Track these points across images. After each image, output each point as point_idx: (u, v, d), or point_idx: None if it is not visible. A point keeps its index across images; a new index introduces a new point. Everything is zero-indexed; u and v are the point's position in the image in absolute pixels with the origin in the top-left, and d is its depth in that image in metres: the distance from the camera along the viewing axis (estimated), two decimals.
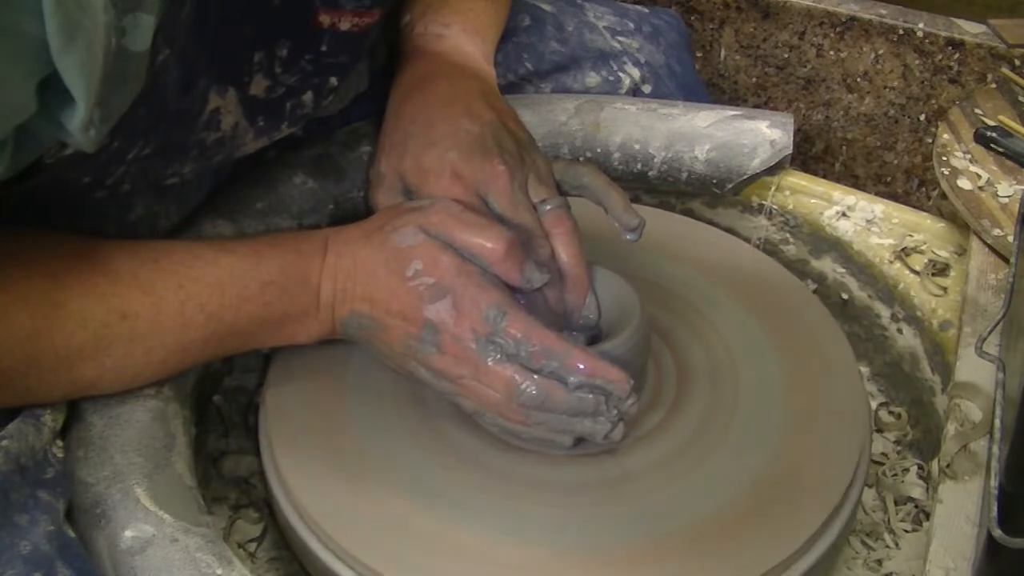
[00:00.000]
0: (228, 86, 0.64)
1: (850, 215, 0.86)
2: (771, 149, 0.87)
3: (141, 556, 0.57)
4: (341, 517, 0.63)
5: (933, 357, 0.79)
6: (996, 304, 0.74)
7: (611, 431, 0.63)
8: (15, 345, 0.57)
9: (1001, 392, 0.61)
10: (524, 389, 0.61)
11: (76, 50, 0.46)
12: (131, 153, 0.60)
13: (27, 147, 0.51)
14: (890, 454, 0.81)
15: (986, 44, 1.07)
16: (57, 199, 0.64)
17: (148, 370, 0.63)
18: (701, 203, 0.92)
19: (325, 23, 0.66)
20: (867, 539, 0.74)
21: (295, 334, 0.67)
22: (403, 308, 0.63)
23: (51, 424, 0.62)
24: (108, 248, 0.62)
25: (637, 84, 0.96)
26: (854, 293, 0.87)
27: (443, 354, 0.63)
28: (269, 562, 0.72)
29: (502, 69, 0.91)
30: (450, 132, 0.71)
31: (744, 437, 0.68)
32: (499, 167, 0.68)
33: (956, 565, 0.59)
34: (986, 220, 0.78)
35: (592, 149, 0.89)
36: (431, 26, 0.83)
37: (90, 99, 0.48)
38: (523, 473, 0.65)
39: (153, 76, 0.54)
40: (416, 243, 0.64)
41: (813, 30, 1.16)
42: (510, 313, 0.62)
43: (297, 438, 0.67)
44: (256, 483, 0.76)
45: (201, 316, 0.63)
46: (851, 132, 1.20)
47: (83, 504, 0.60)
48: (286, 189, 0.80)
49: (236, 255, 0.65)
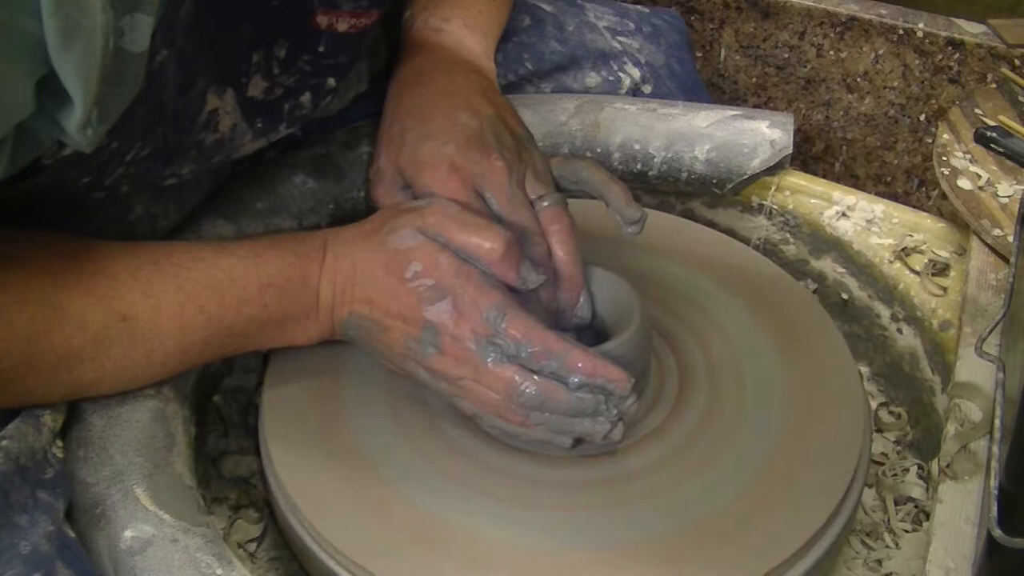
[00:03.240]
0: (226, 87, 0.64)
1: (850, 215, 0.86)
2: (771, 149, 0.87)
3: (141, 556, 0.57)
4: (340, 516, 0.63)
5: (933, 357, 0.79)
6: (996, 304, 0.73)
7: (610, 431, 0.63)
8: (14, 346, 0.57)
9: (1001, 392, 0.61)
10: (523, 390, 0.61)
11: (74, 50, 0.46)
12: (129, 154, 0.60)
13: (25, 147, 0.51)
14: (890, 454, 0.81)
15: (986, 44, 1.07)
16: (56, 200, 0.64)
17: (148, 372, 0.64)
18: (701, 203, 0.92)
19: (323, 24, 0.66)
20: (867, 539, 0.74)
21: (294, 335, 0.67)
22: (402, 309, 0.63)
23: (51, 424, 0.62)
24: (108, 250, 0.62)
25: (637, 84, 0.96)
26: (854, 293, 0.86)
27: (443, 355, 0.63)
28: (269, 562, 0.72)
29: (502, 69, 0.91)
30: (448, 125, 0.71)
31: (744, 437, 0.68)
32: (496, 163, 0.68)
33: (956, 565, 0.59)
34: (986, 220, 0.78)
35: (592, 149, 0.89)
36: (431, 20, 0.83)
37: (88, 99, 0.48)
38: (524, 473, 0.65)
39: (151, 77, 0.55)
40: (415, 244, 0.64)
41: (813, 30, 1.16)
42: (510, 314, 0.62)
43: (296, 438, 0.67)
44: (256, 483, 0.76)
45: (200, 318, 0.63)
46: (851, 132, 1.20)
47: (83, 504, 0.60)
48: (286, 189, 0.80)
49: (235, 257, 0.65)
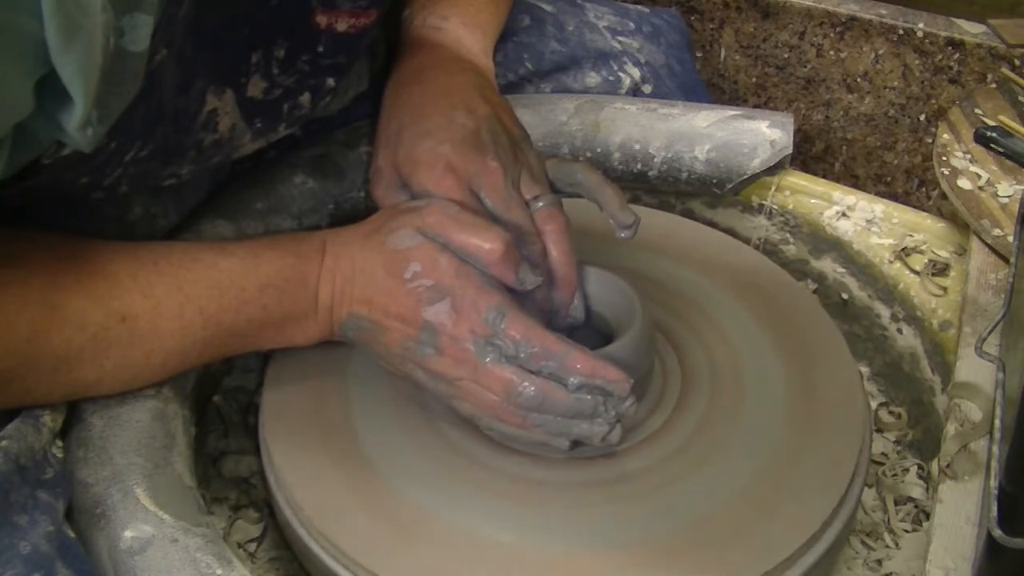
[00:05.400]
0: (225, 87, 0.64)
1: (850, 215, 0.86)
2: (771, 149, 0.87)
3: (141, 556, 0.57)
4: (340, 517, 0.63)
5: (933, 357, 0.79)
6: (996, 304, 0.73)
7: (608, 433, 0.62)
8: (14, 347, 0.57)
9: (1001, 392, 0.61)
10: (522, 390, 0.61)
11: (75, 50, 0.46)
12: (129, 154, 0.60)
13: (25, 147, 0.51)
14: (890, 454, 0.81)
15: (986, 44, 1.07)
16: (55, 200, 0.64)
17: (147, 372, 0.63)
18: (701, 203, 0.92)
19: (322, 24, 0.66)
20: (867, 539, 0.74)
21: (294, 336, 0.67)
22: (401, 310, 0.63)
23: (51, 424, 0.62)
24: (107, 250, 0.62)
25: (637, 84, 0.96)
26: (854, 293, 0.86)
27: (441, 356, 0.63)
28: (269, 562, 0.72)
29: (502, 69, 0.91)
30: (444, 124, 0.70)
31: (744, 437, 0.67)
32: (492, 163, 0.68)
33: (956, 565, 0.59)
34: (986, 220, 0.78)
35: (592, 149, 0.89)
36: (430, 19, 0.83)
37: (88, 99, 0.48)
38: (525, 473, 0.65)
39: (151, 76, 0.55)
40: (414, 245, 0.64)
41: (813, 30, 1.16)
42: (509, 314, 0.62)
43: (296, 438, 0.67)
44: (256, 483, 0.76)
45: (200, 319, 0.63)
46: (851, 132, 1.20)
47: (83, 504, 0.60)
48: (286, 189, 0.80)
49: (235, 258, 0.65)
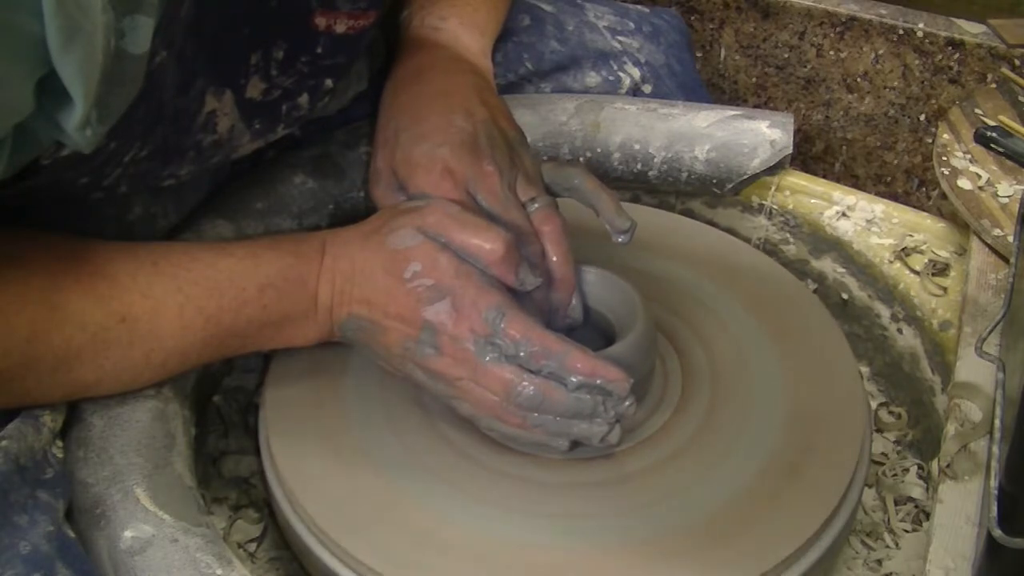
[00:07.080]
0: (225, 88, 0.64)
1: (850, 215, 0.86)
2: (771, 149, 0.87)
3: (141, 556, 0.57)
4: (340, 517, 0.63)
5: (933, 357, 0.79)
6: (996, 304, 0.73)
7: (607, 434, 0.62)
8: (13, 347, 0.57)
9: (1001, 392, 0.61)
10: (521, 390, 0.61)
11: (75, 51, 0.46)
12: (128, 155, 0.60)
13: (25, 147, 0.51)
14: (890, 454, 0.81)
15: (986, 44, 1.07)
16: (55, 200, 0.64)
17: (147, 372, 0.63)
18: (701, 203, 0.92)
19: (321, 25, 0.66)
20: (867, 539, 0.74)
21: (293, 336, 0.67)
22: (401, 310, 0.63)
23: (51, 424, 0.62)
24: (107, 250, 0.62)
25: (637, 84, 0.96)
26: (854, 293, 0.86)
27: (441, 355, 0.63)
28: (269, 562, 0.72)
29: (502, 69, 0.91)
30: (442, 127, 0.71)
31: (744, 437, 0.68)
32: (489, 167, 0.68)
33: (956, 565, 0.59)
34: (986, 220, 0.78)
35: (592, 149, 0.89)
36: (428, 19, 0.83)
37: (88, 100, 0.48)
38: (526, 474, 0.65)
39: (151, 77, 0.54)
40: (414, 244, 0.64)
41: (813, 30, 1.16)
42: (509, 314, 0.62)
43: (296, 438, 0.67)
44: (256, 483, 0.76)
45: (200, 319, 0.63)
46: (851, 132, 1.20)
47: (83, 504, 0.60)
48: (286, 189, 0.80)
49: (234, 258, 0.65)
